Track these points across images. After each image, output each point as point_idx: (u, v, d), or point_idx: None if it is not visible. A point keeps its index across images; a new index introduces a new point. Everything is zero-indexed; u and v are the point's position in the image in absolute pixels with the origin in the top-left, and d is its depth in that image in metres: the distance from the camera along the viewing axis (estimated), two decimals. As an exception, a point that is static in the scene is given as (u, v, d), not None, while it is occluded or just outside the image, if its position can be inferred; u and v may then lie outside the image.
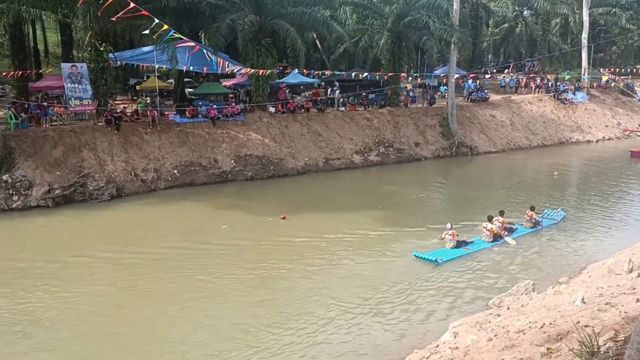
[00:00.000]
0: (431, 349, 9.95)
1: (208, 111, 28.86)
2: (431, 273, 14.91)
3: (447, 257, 15.99)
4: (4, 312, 12.54)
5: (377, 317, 12.33)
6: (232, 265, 15.46)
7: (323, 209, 21.38)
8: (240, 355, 10.74)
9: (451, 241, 16.62)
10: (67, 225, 19.83)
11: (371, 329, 11.81)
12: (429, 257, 15.79)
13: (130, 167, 24.64)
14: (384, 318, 12.31)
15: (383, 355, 10.78)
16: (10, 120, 24.35)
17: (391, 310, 12.68)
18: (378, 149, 32.01)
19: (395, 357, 10.54)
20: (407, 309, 12.80)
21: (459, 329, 10.54)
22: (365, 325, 11.96)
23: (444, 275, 14.78)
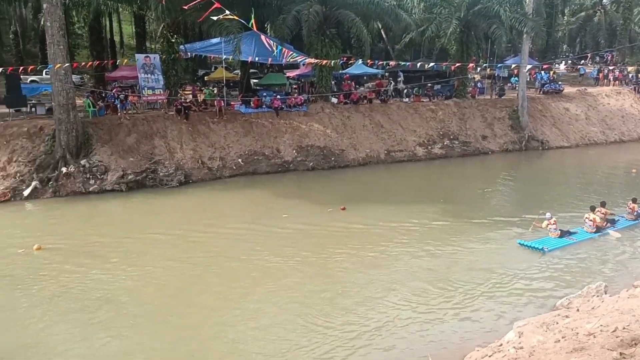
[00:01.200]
0: (494, 347, 9.69)
1: (272, 101, 29.30)
2: (496, 271, 14.46)
3: (552, 246, 15.92)
4: (81, 287, 13.33)
5: (437, 312, 12.11)
6: (295, 252, 15.64)
7: (383, 201, 21.21)
8: (299, 344, 10.86)
9: (555, 230, 16.50)
10: (139, 208, 20.81)
11: (431, 323, 11.62)
12: (536, 245, 15.76)
13: (198, 155, 25.48)
14: (445, 313, 12.08)
15: (442, 350, 10.59)
16: (89, 108, 25.81)
17: (453, 306, 12.43)
18: (442, 141, 31.34)
19: (456, 354, 10.32)
20: (469, 304, 12.50)
21: (524, 328, 10.19)
22: (426, 319, 11.79)
23: (510, 273, 14.31)
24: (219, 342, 11.04)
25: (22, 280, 13.73)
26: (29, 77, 34.70)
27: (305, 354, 10.41)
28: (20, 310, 12.18)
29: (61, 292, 13.07)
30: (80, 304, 12.48)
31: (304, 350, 10.55)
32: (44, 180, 21.84)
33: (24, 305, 12.44)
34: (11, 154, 22.28)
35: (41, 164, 22.33)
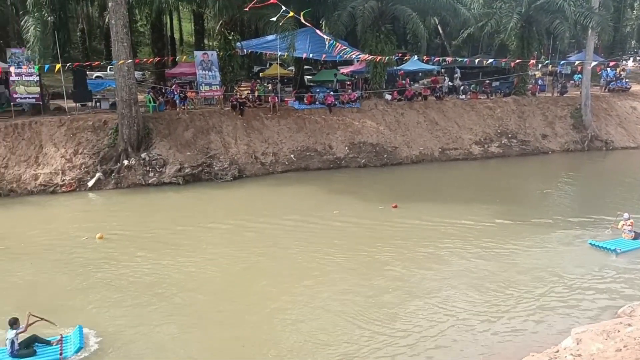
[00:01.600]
0: (550, 353, 9.36)
1: (325, 98, 29.38)
2: (555, 273, 13.92)
3: (626, 247, 15.33)
4: (139, 274, 13.88)
5: (490, 315, 11.79)
6: (345, 248, 15.65)
7: (436, 200, 20.83)
8: (345, 346, 10.84)
9: (630, 232, 15.87)
10: (195, 200, 21.39)
11: (483, 326, 11.33)
12: (608, 246, 15.26)
13: (252, 150, 25.92)
14: (499, 316, 11.74)
15: (495, 355, 10.30)
16: (149, 103, 26.76)
17: (507, 309, 12.07)
18: (500, 140, 30.46)
19: (509, 359, 10.04)
20: (525, 308, 12.10)
21: (582, 335, 9.77)
22: (478, 322, 11.50)
23: (569, 276, 13.74)
24: (265, 333, 11.19)
25: (84, 267, 14.42)
26: (94, 73, 36.42)
27: (352, 357, 10.36)
28: (81, 295, 12.79)
29: (120, 279, 13.65)
30: (137, 291, 12.98)
31: (350, 351, 10.51)
32: (107, 172, 22.85)
33: (84, 290, 13.05)
34: (77, 147, 23.42)
35: (104, 156, 23.37)
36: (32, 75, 24.62)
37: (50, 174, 22.38)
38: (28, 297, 12.59)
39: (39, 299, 12.48)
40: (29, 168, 22.39)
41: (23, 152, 22.79)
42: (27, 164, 22.52)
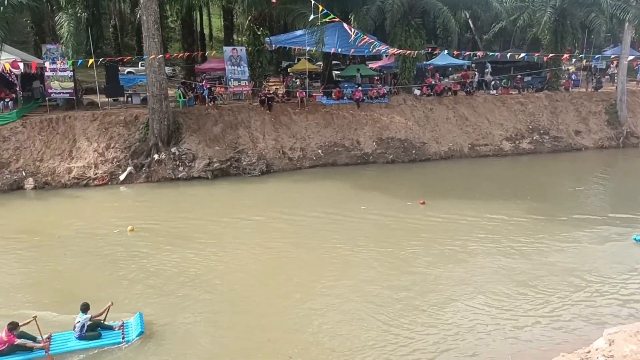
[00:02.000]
0: (581, 354, 9.18)
1: (353, 93, 29.26)
2: (586, 272, 13.59)
3: None
4: (168, 267, 14.10)
5: (519, 313, 11.60)
6: (371, 244, 15.61)
7: (465, 197, 20.58)
8: (370, 344, 10.82)
9: None
10: (223, 195, 21.63)
11: (512, 325, 11.15)
12: None
13: (279, 145, 26.03)
14: (528, 315, 11.54)
15: (524, 354, 10.14)
16: (179, 98, 27.11)
17: (537, 307, 11.86)
18: (531, 136, 29.88)
19: (538, 359, 9.85)
20: (556, 307, 11.89)
21: (615, 336, 9.53)
22: (507, 320, 11.32)
23: (601, 275, 13.41)
24: (288, 324, 11.24)
25: (115, 258, 14.74)
26: (126, 68, 37.05)
27: (377, 355, 10.32)
28: (109, 287, 13.04)
29: (150, 270, 13.90)
30: (169, 282, 13.20)
31: (375, 350, 10.47)
32: (138, 165, 23.27)
33: (113, 281, 13.33)
34: (109, 141, 23.90)
35: (136, 150, 23.80)
36: (66, 70, 25.20)
37: (84, 167, 22.91)
38: (63, 287, 12.95)
39: (73, 288, 12.82)
40: (63, 161, 22.96)
41: (57, 146, 23.38)
42: (62, 157, 23.10)
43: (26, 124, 23.65)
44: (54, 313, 11.52)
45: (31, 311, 11.03)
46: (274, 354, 10.23)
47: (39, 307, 11.63)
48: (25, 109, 25.02)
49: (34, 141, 23.23)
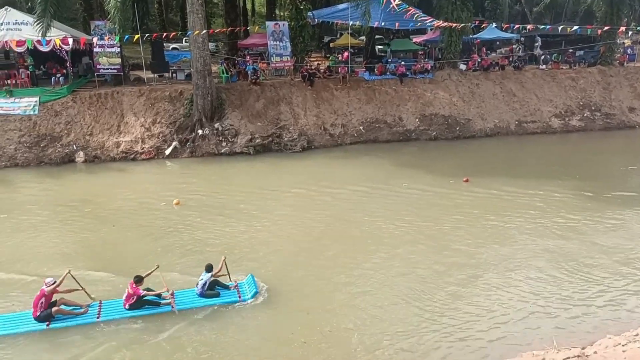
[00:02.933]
0: (629, 336, 8.93)
1: (396, 68, 28.74)
2: (637, 255, 13.10)
3: None
4: (211, 239, 14.41)
5: (565, 294, 11.30)
6: (412, 221, 15.46)
7: (510, 175, 20.02)
8: (411, 326, 10.80)
9: None
10: (265, 170, 21.81)
11: (557, 306, 10.88)
12: None
13: (321, 121, 25.96)
14: (574, 296, 11.23)
15: (569, 335, 9.89)
16: (222, 74, 27.32)
17: (583, 289, 11.53)
18: (582, 112, 28.71)
19: (584, 340, 9.61)
20: (602, 289, 11.52)
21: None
22: (552, 301, 11.06)
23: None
24: (329, 301, 11.33)
25: (162, 231, 15.15)
26: (171, 44, 37.54)
27: (416, 337, 10.29)
28: (156, 259, 13.32)
29: (195, 242, 14.23)
30: (212, 253, 13.46)
31: (421, 335, 10.45)
32: (183, 141, 23.72)
33: (159, 253, 13.70)
34: (155, 116, 24.41)
35: (180, 125, 24.23)
36: (114, 46, 25.75)
37: (131, 142, 23.53)
38: (112, 256, 13.44)
39: (121, 258, 13.30)
40: (111, 136, 23.65)
41: (106, 121, 24.06)
42: (110, 132, 23.78)
43: (76, 99, 24.41)
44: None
45: (90, 272, 11.70)
46: (309, 329, 10.34)
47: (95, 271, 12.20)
48: (75, 84, 25.79)
49: (84, 116, 23.99)
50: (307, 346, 9.75)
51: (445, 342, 9.77)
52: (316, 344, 9.82)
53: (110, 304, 10.83)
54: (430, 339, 9.89)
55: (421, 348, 9.61)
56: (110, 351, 9.66)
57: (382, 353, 9.48)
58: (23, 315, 10.42)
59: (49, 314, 10.20)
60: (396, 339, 9.88)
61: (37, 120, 23.52)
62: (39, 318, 10.17)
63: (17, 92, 23.98)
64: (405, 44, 34.51)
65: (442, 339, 9.88)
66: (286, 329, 10.37)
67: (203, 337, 10.08)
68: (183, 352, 9.64)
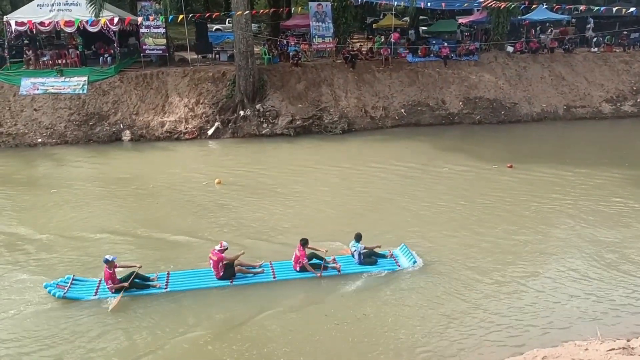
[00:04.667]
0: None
1: (440, 50, 28.15)
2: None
3: None
4: (252, 217, 14.62)
5: (609, 286, 10.94)
6: (452, 206, 15.24)
7: (556, 161, 19.35)
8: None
9: None
10: (306, 151, 21.92)
11: (602, 298, 10.54)
12: None
13: (362, 103, 25.78)
14: (618, 289, 10.86)
15: (612, 327, 9.60)
16: (265, 55, 27.42)
17: (628, 282, 11.12)
18: (635, 98, 27.47)
19: (627, 332, 9.32)
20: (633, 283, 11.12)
21: None
22: (598, 293, 10.73)
23: None
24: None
25: (203, 208, 15.45)
26: (214, 26, 37.89)
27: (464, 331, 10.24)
28: (197, 235, 13.65)
29: (235, 221, 14.46)
30: (250, 232, 13.70)
31: (463, 328, 10.39)
32: (225, 121, 24.04)
33: (201, 230, 14.00)
34: (199, 97, 24.81)
35: (223, 106, 24.55)
36: (159, 27, 26.19)
37: (175, 122, 24.02)
38: (153, 233, 13.81)
39: (162, 235, 13.65)
40: (156, 116, 24.20)
41: (151, 101, 24.63)
42: (155, 111, 24.34)
43: (123, 79, 25.05)
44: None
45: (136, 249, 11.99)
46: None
47: (137, 248, 12.63)
48: (122, 64, 26.43)
49: (130, 95, 24.61)
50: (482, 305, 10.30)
51: (485, 328, 9.65)
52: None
53: (280, 265, 11.70)
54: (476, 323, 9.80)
55: (466, 331, 9.53)
56: (292, 306, 10.47)
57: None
58: (207, 272, 11.30)
59: (232, 272, 11.12)
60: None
61: (86, 99, 24.30)
62: (223, 277, 11.06)
63: (67, 72, 24.81)
64: (450, 25, 33.67)
65: (487, 325, 9.77)
66: (447, 291, 10.81)
67: (377, 298, 10.64)
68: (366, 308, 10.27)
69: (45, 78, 24.55)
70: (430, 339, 9.33)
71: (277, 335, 9.48)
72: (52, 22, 24.61)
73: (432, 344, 9.19)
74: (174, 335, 9.49)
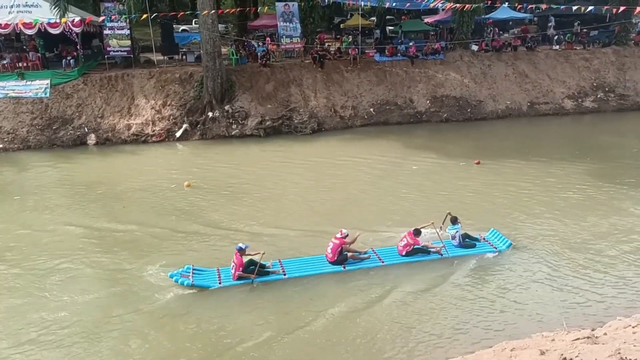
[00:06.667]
0: (639, 318, 8.87)
1: (407, 49, 28.46)
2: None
3: None
4: (222, 220, 14.47)
5: (573, 279, 11.25)
6: (417, 205, 15.44)
7: (522, 157, 19.81)
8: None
9: None
10: (276, 152, 21.77)
11: (565, 291, 10.83)
12: None
13: (331, 103, 25.87)
14: (583, 282, 11.16)
15: (578, 317, 9.89)
16: (232, 56, 27.23)
17: (592, 274, 11.43)
18: (595, 94, 28.35)
19: (592, 321, 9.62)
20: (610, 274, 11.41)
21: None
22: (560, 286, 11.03)
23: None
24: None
25: (170, 212, 15.23)
26: (180, 26, 37.42)
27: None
28: (165, 240, 13.49)
29: (208, 225, 14.28)
30: (221, 235, 13.60)
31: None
32: (193, 123, 23.79)
33: (169, 233, 13.81)
34: (166, 98, 24.47)
35: (191, 108, 24.28)
36: (124, 28, 25.72)
37: (142, 124, 23.64)
38: (121, 238, 13.59)
39: (131, 239, 13.45)
40: (122, 118, 23.77)
41: (117, 104, 24.17)
42: (121, 114, 23.89)
43: (87, 82, 24.52)
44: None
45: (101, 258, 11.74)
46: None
47: (104, 253, 12.38)
48: (85, 66, 25.86)
49: (94, 98, 24.10)
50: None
51: (458, 320, 9.83)
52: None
53: (384, 251, 12.36)
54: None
55: (438, 325, 9.69)
56: (405, 289, 10.97)
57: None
58: (319, 258, 12.00)
59: (345, 258, 11.75)
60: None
61: (49, 103, 23.70)
62: (336, 262, 11.69)
63: (28, 75, 24.14)
64: (416, 25, 34.08)
65: (470, 318, 9.96)
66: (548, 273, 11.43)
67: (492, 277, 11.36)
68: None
69: (6, 82, 23.83)
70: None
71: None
72: (11, 24, 23.88)
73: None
74: (320, 310, 10.16)
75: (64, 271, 11.85)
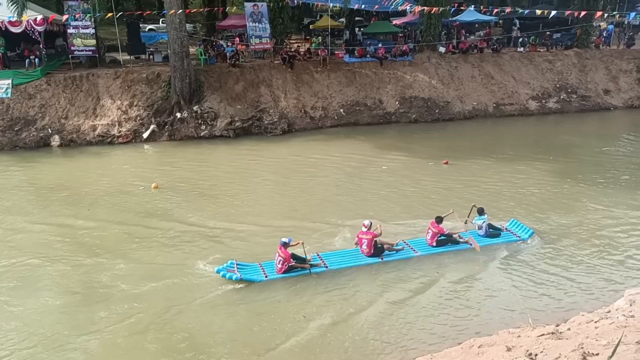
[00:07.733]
0: (601, 313, 9.15)
1: (376, 51, 28.69)
2: (608, 235, 13.41)
3: None
4: (192, 222, 14.29)
5: (538, 275, 11.56)
6: (387, 204, 15.60)
7: (488, 157, 20.30)
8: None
9: None
10: (245, 153, 21.65)
11: (532, 287, 11.11)
12: None
13: (301, 104, 25.87)
14: (547, 277, 11.49)
15: (542, 312, 10.15)
16: (201, 56, 26.94)
17: (556, 269, 11.78)
18: (558, 95, 29.15)
19: (557, 317, 9.87)
20: (575, 269, 11.76)
21: (637, 297, 9.49)
22: (526, 282, 11.30)
23: (622, 238, 13.22)
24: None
25: (139, 214, 14.98)
26: (147, 26, 36.83)
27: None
28: (136, 242, 13.30)
29: (174, 228, 14.11)
30: (190, 238, 13.45)
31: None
32: (161, 124, 23.43)
33: (137, 236, 13.62)
34: (132, 99, 24.02)
35: (158, 108, 23.90)
36: (88, 27, 25.15)
37: (108, 125, 23.16)
38: (83, 240, 13.28)
39: (96, 242, 13.17)
40: (87, 119, 23.24)
41: (81, 104, 23.61)
42: (86, 115, 23.36)
43: (51, 82, 23.87)
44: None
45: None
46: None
47: (72, 255, 12.08)
48: (49, 66, 25.17)
49: (58, 99, 23.49)
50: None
51: (423, 319, 9.96)
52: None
53: (415, 242, 12.82)
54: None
55: (405, 322, 9.78)
56: (441, 276, 11.53)
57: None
58: (354, 251, 12.39)
59: (382, 250, 12.16)
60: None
61: (10, 104, 22.98)
62: (374, 254, 12.04)
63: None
64: (385, 26, 34.37)
65: (436, 314, 10.09)
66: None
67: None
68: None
69: (-36, 81, 23.02)
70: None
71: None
72: (-31, 22, 23.09)
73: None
74: (370, 301, 10.55)
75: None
